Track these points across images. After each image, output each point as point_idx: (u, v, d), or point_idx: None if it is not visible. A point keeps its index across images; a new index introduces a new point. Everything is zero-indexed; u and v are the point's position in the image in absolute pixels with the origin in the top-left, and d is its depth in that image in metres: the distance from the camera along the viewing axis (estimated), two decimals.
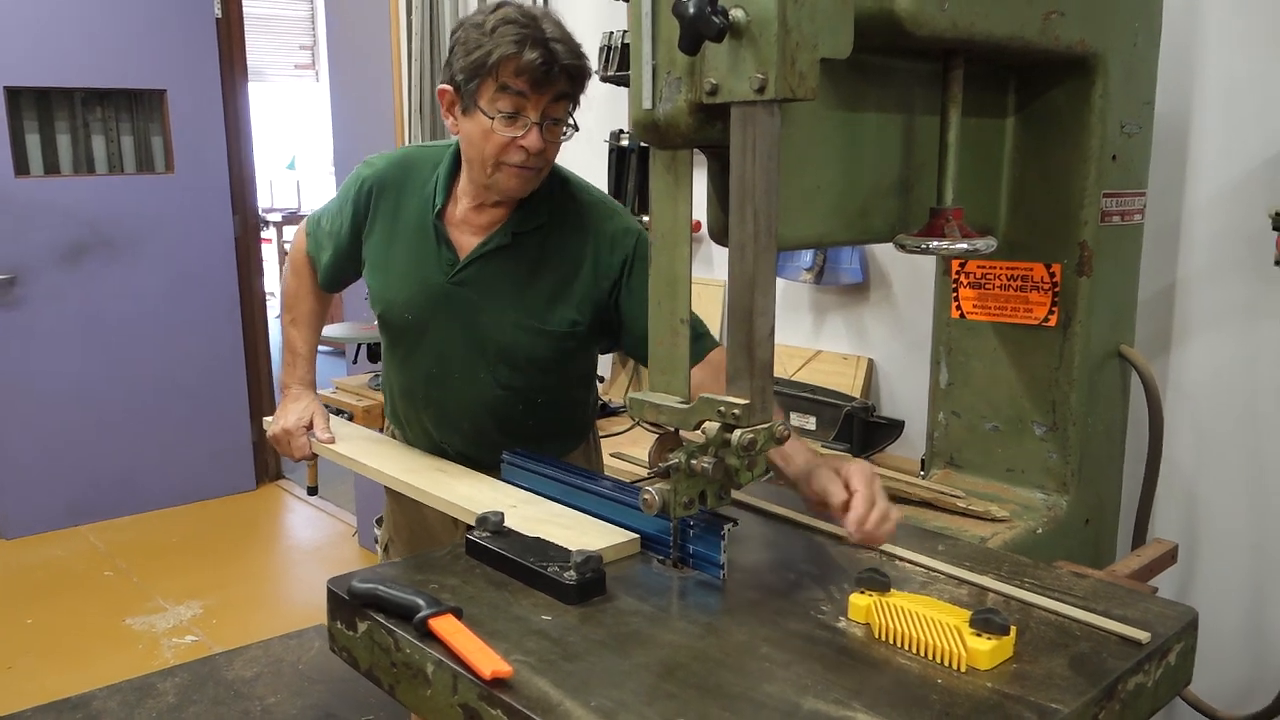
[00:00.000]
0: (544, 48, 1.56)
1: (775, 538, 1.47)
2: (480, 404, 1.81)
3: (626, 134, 3.01)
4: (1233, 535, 2.01)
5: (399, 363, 1.89)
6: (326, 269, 1.96)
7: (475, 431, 1.83)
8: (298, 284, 2.02)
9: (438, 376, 1.83)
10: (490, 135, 1.62)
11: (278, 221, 9.51)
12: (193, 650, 3.41)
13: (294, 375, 1.99)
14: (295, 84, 10.42)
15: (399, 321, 1.83)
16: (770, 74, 1.08)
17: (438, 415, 1.86)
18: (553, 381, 1.82)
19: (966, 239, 1.46)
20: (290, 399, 1.97)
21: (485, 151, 1.64)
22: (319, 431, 1.90)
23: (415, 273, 1.79)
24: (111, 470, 4.71)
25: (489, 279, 1.75)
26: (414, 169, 1.83)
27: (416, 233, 1.79)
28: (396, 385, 1.93)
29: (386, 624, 1.16)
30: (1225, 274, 1.96)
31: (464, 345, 1.78)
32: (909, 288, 2.49)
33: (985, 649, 1.06)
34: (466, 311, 1.76)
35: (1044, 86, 1.66)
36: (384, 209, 1.83)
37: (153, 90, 4.72)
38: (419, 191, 1.80)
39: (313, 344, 2.03)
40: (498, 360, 1.77)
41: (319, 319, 2.05)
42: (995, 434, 1.83)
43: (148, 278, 4.70)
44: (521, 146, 1.62)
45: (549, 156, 1.68)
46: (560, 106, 1.64)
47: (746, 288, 1.17)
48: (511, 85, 1.58)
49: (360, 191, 1.85)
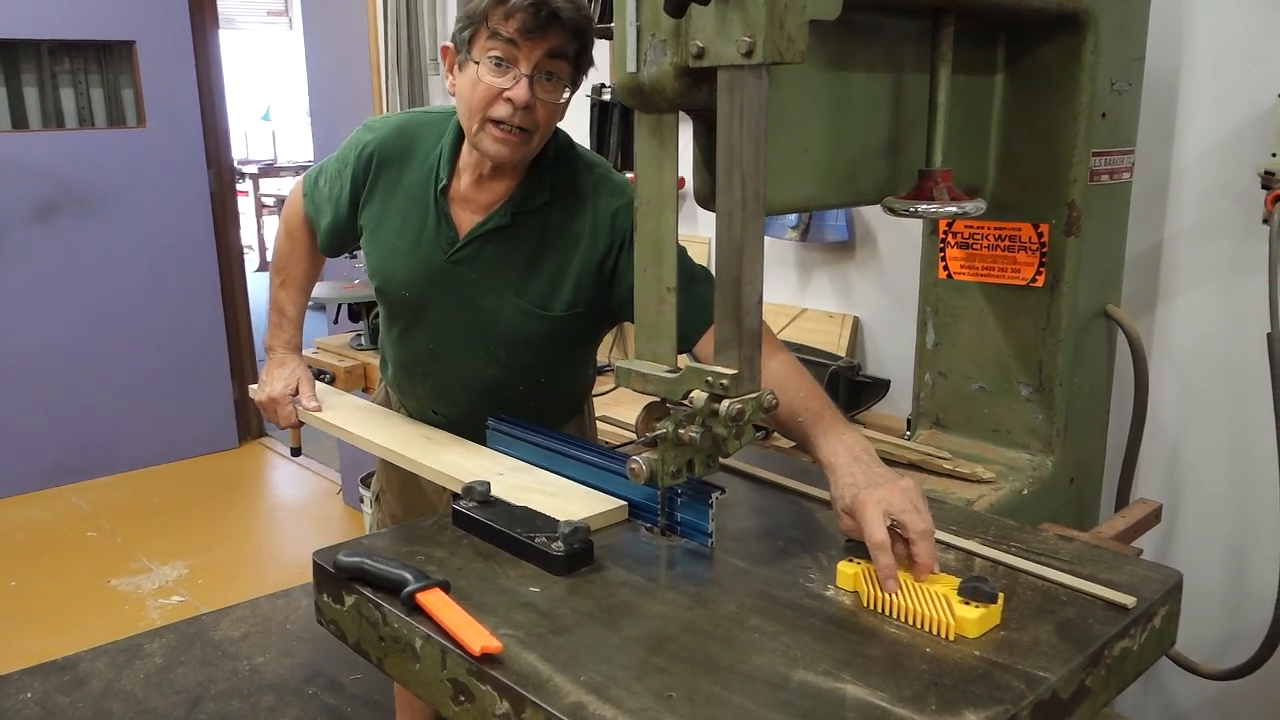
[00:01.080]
0: None
1: (762, 503, 1.47)
2: (478, 382, 1.77)
3: (608, 88, 2.96)
4: (1215, 493, 2.03)
5: (397, 336, 1.84)
6: (326, 233, 1.88)
7: (472, 406, 1.79)
8: (291, 246, 1.95)
9: (436, 353, 1.78)
10: (478, 85, 1.54)
11: (253, 174, 9.38)
12: (179, 611, 3.41)
13: (280, 339, 1.95)
14: (268, 31, 10.23)
15: (397, 297, 1.77)
16: (758, 37, 1.05)
17: (435, 389, 1.83)
18: (554, 362, 1.78)
19: (955, 201, 1.44)
20: (275, 364, 1.93)
21: (473, 103, 1.56)
22: (305, 399, 1.88)
23: (414, 249, 1.72)
24: (92, 430, 4.68)
25: (488, 260, 1.68)
26: (418, 137, 1.74)
27: (417, 206, 1.72)
28: (394, 357, 1.89)
29: (374, 598, 1.16)
30: (1213, 232, 1.95)
31: (463, 325, 1.73)
32: (895, 245, 2.48)
33: (973, 617, 1.07)
34: (465, 292, 1.70)
35: (1034, 43, 1.63)
36: (385, 178, 1.75)
37: (122, 41, 4.61)
38: (422, 162, 1.72)
39: (302, 307, 1.99)
40: (495, 340, 1.73)
41: (310, 282, 2.00)
42: (981, 394, 1.83)
43: (122, 234, 4.63)
44: (509, 99, 1.53)
45: (540, 120, 1.57)
46: (557, 64, 1.54)
47: (734, 255, 1.15)
48: (502, 31, 1.50)
49: (360, 156, 1.76)
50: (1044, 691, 0.98)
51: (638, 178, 1.24)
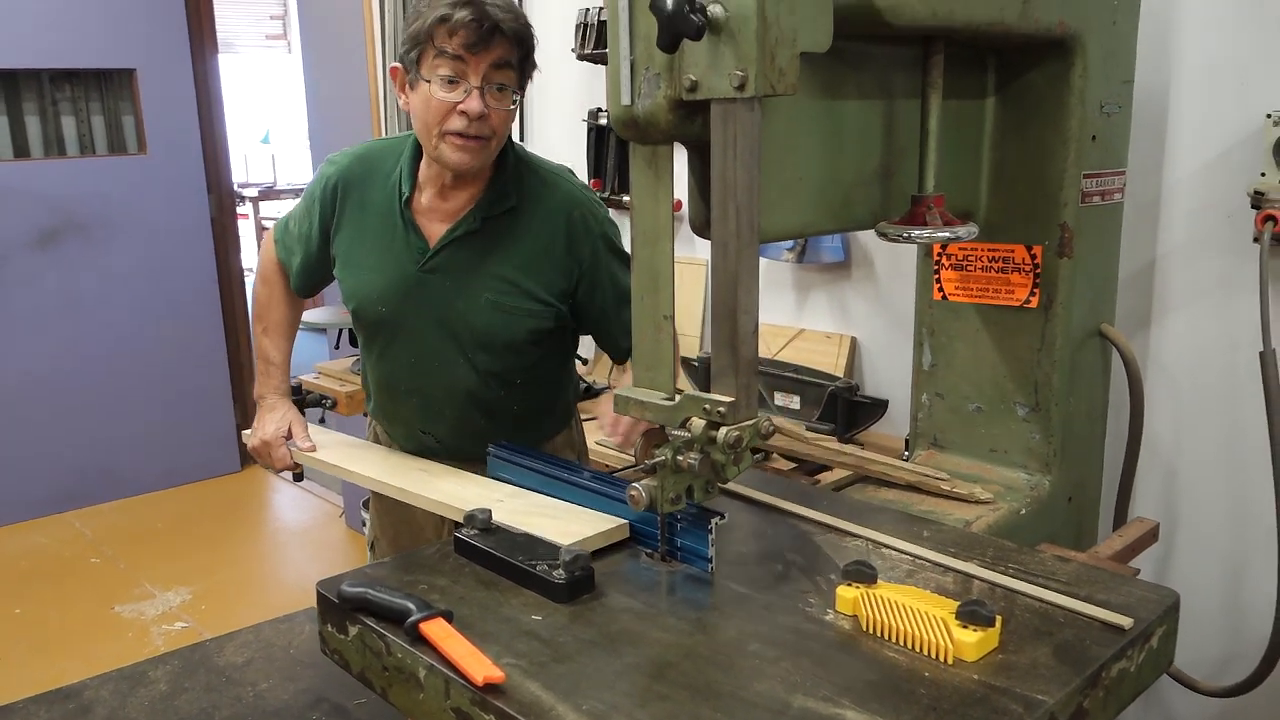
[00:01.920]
0: (475, 7, 1.55)
1: (761, 527, 1.48)
2: (461, 390, 1.81)
3: (604, 112, 2.98)
4: (1212, 510, 2.03)
5: (377, 356, 1.88)
6: (299, 273, 1.94)
7: (458, 419, 1.83)
8: (268, 293, 2.00)
9: (416, 366, 1.82)
10: (430, 102, 1.61)
11: (253, 197, 9.40)
12: (183, 637, 3.41)
13: (269, 385, 1.97)
14: (267, 55, 10.27)
15: (373, 315, 1.82)
16: (750, 70, 1.07)
17: (420, 406, 1.86)
18: (530, 362, 1.82)
19: (948, 226, 1.46)
20: (266, 409, 1.95)
21: (428, 120, 1.64)
22: (299, 440, 1.89)
23: (386, 264, 1.78)
24: (95, 455, 4.68)
25: (460, 264, 1.75)
26: (377, 161, 1.82)
27: (385, 224, 1.78)
28: (376, 379, 1.92)
29: (377, 628, 1.16)
30: (1204, 251, 1.97)
31: (440, 333, 1.78)
32: (891, 266, 2.50)
33: (971, 641, 1.08)
34: (440, 299, 1.76)
35: (1023, 68, 1.65)
36: (350, 204, 1.82)
37: (122, 69, 4.64)
38: (384, 184, 1.80)
39: (286, 352, 2.01)
40: (474, 345, 1.78)
41: (291, 327, 2.03)
42: (978, 415, 1.84)
43: (123, 260, 4.65)
44: (462, 112, 1.60)
45: (495, 126, 1.65)
46: (504, 74, 1.62)
47: (730, 285, 1.17)
48: (448, 48, 1.58)
49: (326, 189, 1.84)
50: (1042, 715, 0.99)
51: (634, 208, 1.26)
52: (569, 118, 3.18)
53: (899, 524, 1.46)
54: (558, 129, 3.24)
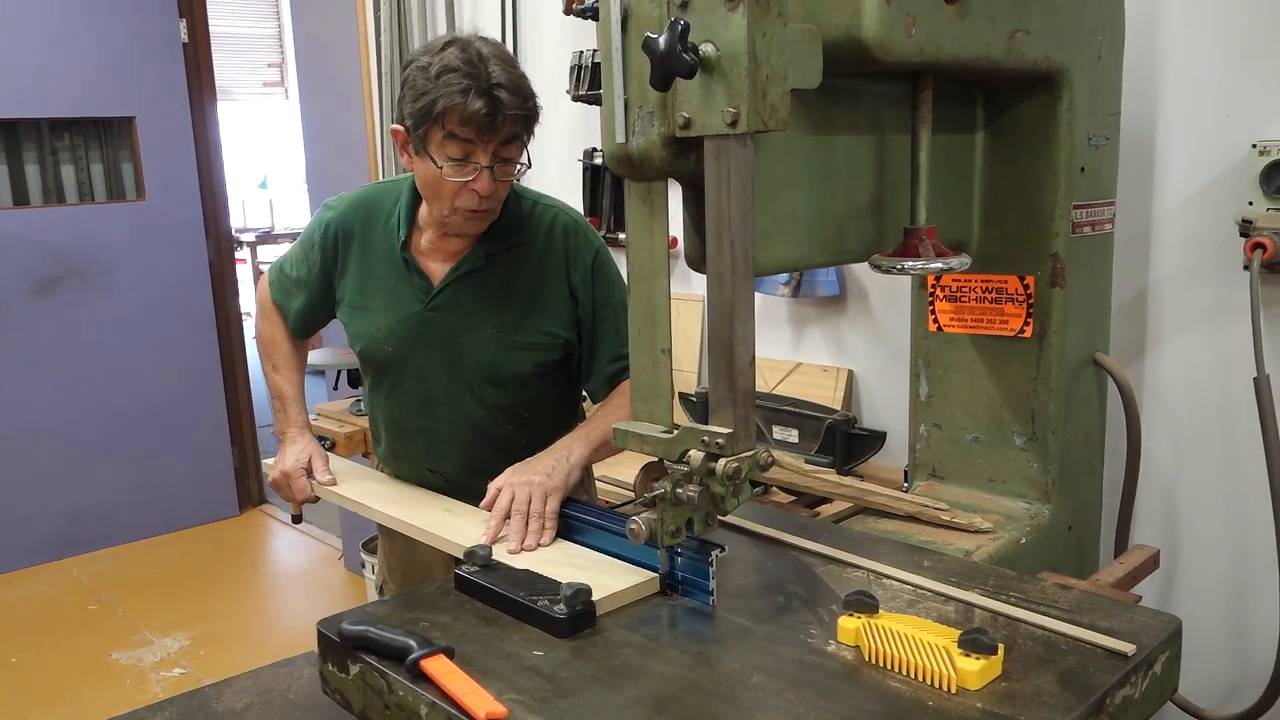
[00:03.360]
0: (488, 97, 1.56)
1: (762, 559, 1.48)
2: (469, 427, 1.82)
3: (599, 152, 3.02)
4: (1212, 536, 2.03)
5: (384, 397, 1.89)
6: (298, 316, 1.96)
7: (467, 457, 1.84)
8: (271, 328, 2.01)
9: (424, 405, 1.83)
10: (441, 181, 1.64)
11: (251, 242, 9.45)
12: (181, 683, 3.38)
13: (287, 420, 1.97)
14: (264, 102, 10.37)
15: (380, 355, 1.83)
16: (742, 107, 1.09)
17: (428, 444, 1.86)
18: (537, 396, 1.83)
19: (940, 258, 1.47)
20: (288, 442, 1.94)
21: (439, 194, 1.67)
22: (319, 474, 1.88)
23: (391, 305, 1.80)
24: (92, 501, 4.67)
25: (464, 301, 1.77)
26: (375, 206, 1.84)
27: (387, 267, 1.81)
28: (384, 419, 1.92)
29: (379, 666, 1.16)
30: (1196, 279, 1.98)
31: (447, 370, 1.79)
32: (886, 298, 2.51)
33: (974, 669, 1.08)
34: (445, 336, 1.78)
35: (1011, 102, 1.68)
36: (353, 249, 1.84)
37: (121, 118, 4.69)
38: (383, 227, 1.82)
39: (299, 385, 2.02)
40: (481, 381, 1.79)
41: (300, 359, 2.04)
42: (976, 445, 1.85)
43: (122, 306, 4.67)
44: (473, 190, 1.63)
45: (502, 194, 1.70)
46: (511, 147, 1.65)
47: (726, 317, 1.18)
48: (458, 134, 1.59)
49: (326, 236, 1.86)
50: None
51: (629, 244, 1.28)
52: (564, 158, 3.21)
53: (899, 554, 1.46)
54: (553, 169, 3.28)
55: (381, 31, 3.79)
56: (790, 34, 1.12)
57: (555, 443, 1.69)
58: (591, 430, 1.70)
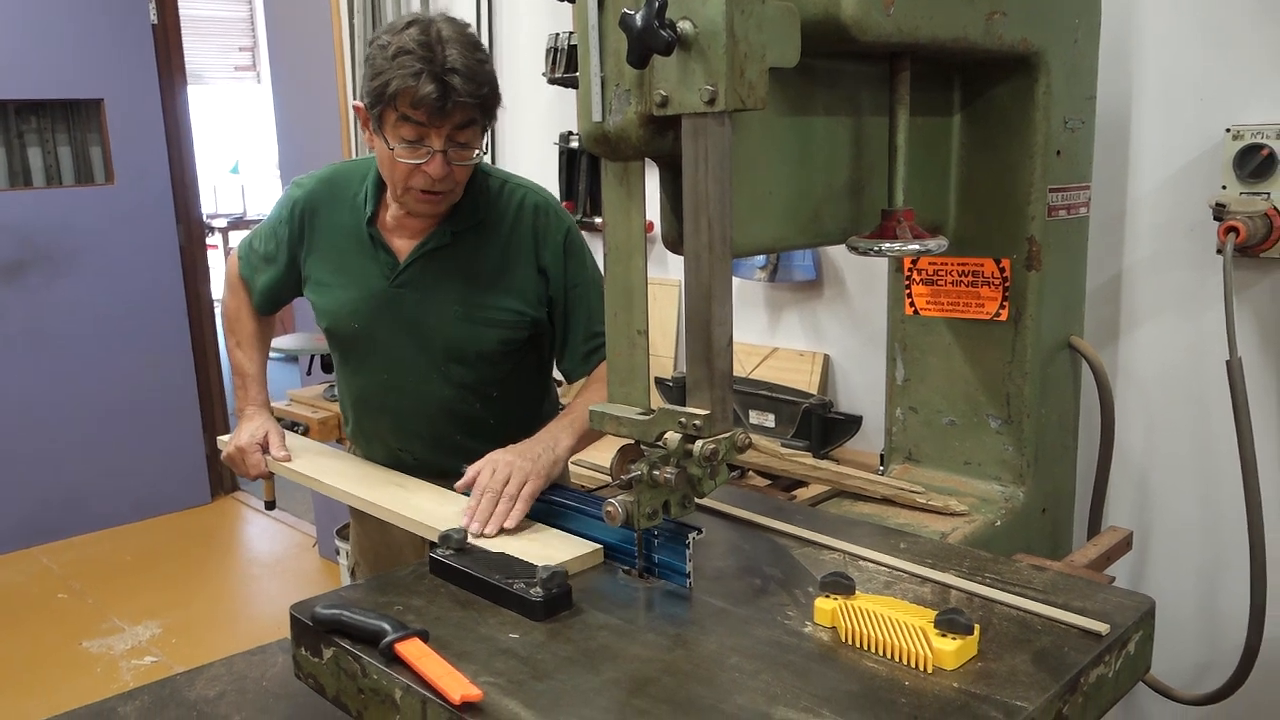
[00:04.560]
0: (439, 82, 1.54)
1: (739, 541, 1.47)
2: (436, 405, 1.82)
3: (576, 135, 3.00)
4: (1185, 519, 2.05)
5: (351, 374, 1.89)
6: (263, 292, 1.95)
7: (434, 435, 1.83)
8: (237, 304, 2.00)
9: (390, 383, 1.83)
10: (395, 162, 1.63)
11: (223, 227, 9.36)
12: (153, 671, 3.35)
13: (247, 397, 1.96)
14: (236, 86, 10.25)
15: (347, 332, 1.83)
16: (720, 85, 1.08)
17: (395, 422, 1.85)
18: (504, 374, 1.83)
19: (918, 239, 1.47)
20: (245, 419, 1.94)
21: (394, 176, 1.66)
22: (275, 449, 1.87)
23: (357, 282, 1.80)
24: (61, 488, 4.61)
25: (430, 278, 1.77)
26: (343, 183, 1.84)
27: (354, 244, 1.80)
28: (351, 397, 1.92)
29: (352, 650, 1.15)
30: (1170, 263, 1.99)
31: (412, 347, 1.79)
32: (862, 283, 2.51)
33: (950, 649, 1.08)
34: (411, 313, 1.78)
35: (988, 84, 1.68)
36: (319, 227, 1.84)
37: (89, 100, 4.61)
38: (350, 203, 1.82)
39: (261, 364, 2.00)
40: (446, 358, 1.79)
41: (265, 338, 2.03)
42: (952, 428, 1.85)
43: (91, 291, 4.60)
44: (426, 173, 1.62)
45: (458, 179, 1.68)
46: (466, 132, 1.63)
47: (703, 298, 1.17)
48: (411, 116, 1.58)
49: (293, 213, 1.86)
50: None
51: (606, 225, 1.27)
52: (540, 141, 3.19)
53: (876, 537, 1.46)
54: (529, 153, 3.26)
55: (354, 14, 3.75)
56: (769, 11, 1.11)
57: (541, 430, 1.68)
58: (576, 419, 1.69)
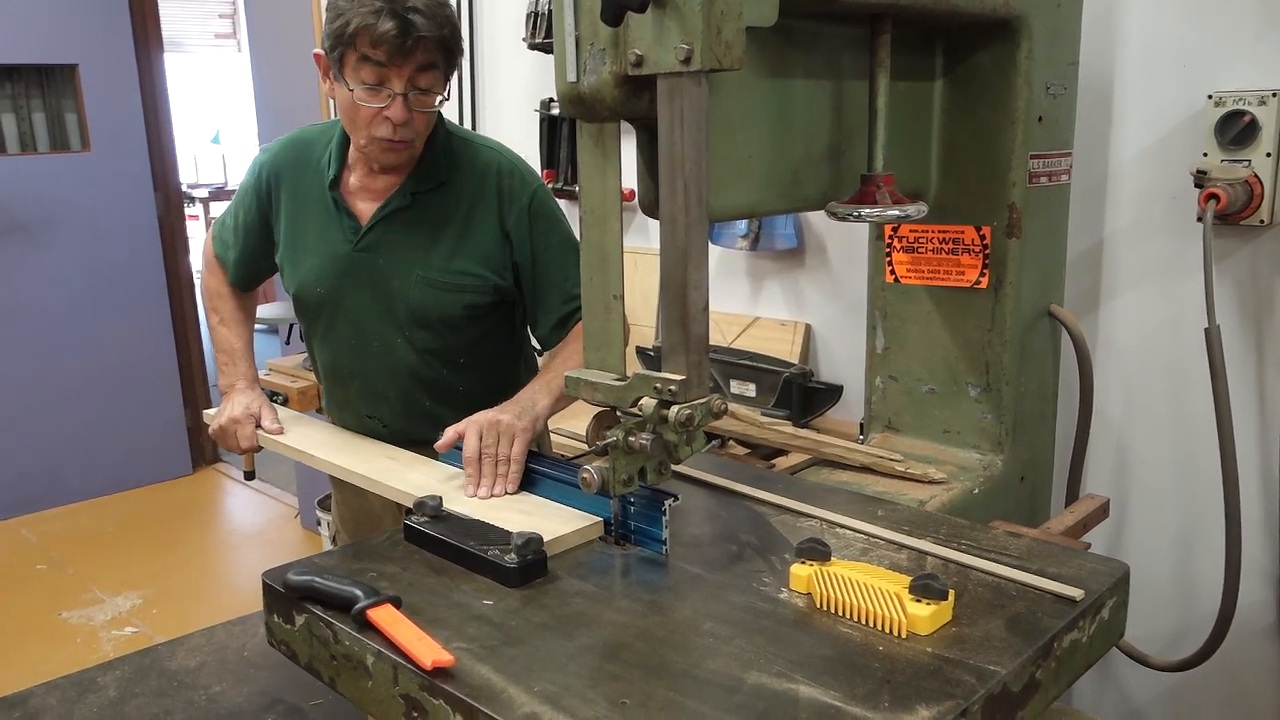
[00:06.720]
0: (400, 19, 1.52)
1: (716, 509, 1.47)
2: (403, 370, 1.80)
3: (557, 103, 2.96)
4: (1162, 486, 2.06)
5: (319, 341, 1.88)
6: (235, 266, 1.93)
7: (403, 401, 1.82)
8: (216, 282, 1.98)
9: (357, 347, 1.82)
10: (356, 107, 1.61)
11: (204, 198, 9.26)
12: (133, 642, 3.34)
13: (235, 373, 1.92)
14: (216, 54, 10.12)
15: (312, 297, 1.81)
16: (696, 44, 1.06)
17: (363, 388, 1.84)
18: (470, 340, 1.81)
19: (898, 205, 1.46)
20: (235, 393, 1.89)
21: (354, 122, 1.64)
22: (267, 423, 1.83)
23: (321, 246, 1.78)
24: (40, 460, 4.58)
25: (393, 241, 1.75)
26: (308, 147, 1.82)
27: (318, 207, 1.78)
28: (321, 364, 1.91)
29: (324, 616, 1.14)
30: (1150, 231, 1.99)
31: (377, 312, 1.78)
32: (844, 252, 2.50)
33: (925, 614, 1.08)
34: (374, 277, 1.76)
35: (970, 49, 1.66)
36: (285, 190, 1.82)
37: (64, 65, 4.54)
38: (315, 167, 1.79)
39: (247, 339, 1.97)
40: (410, 323, 1.77)
41: (248, 313, 2.00)
42: (931, 396, 1.85)
43: (67, 261, 4.55)
44: (387, 118, 1.60)
45: (419, 128, 1.65)
46: (428, 76, 1.61)
47: (679, 261, 1.16)
48: (371, 56, 1.56)
49: (260, 179, 1.84)
50: (995, 685, 0.99)
51: (582, 187, 1.25)
52: (521, 108, 3.16)
53: (853, 504, 1.46)
54: (509, 120, 3.22)
55: None
56: None
57: (519, 393, 1.66)
58: (552, 380, 1.67)
